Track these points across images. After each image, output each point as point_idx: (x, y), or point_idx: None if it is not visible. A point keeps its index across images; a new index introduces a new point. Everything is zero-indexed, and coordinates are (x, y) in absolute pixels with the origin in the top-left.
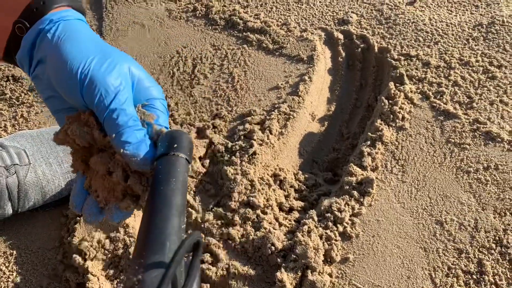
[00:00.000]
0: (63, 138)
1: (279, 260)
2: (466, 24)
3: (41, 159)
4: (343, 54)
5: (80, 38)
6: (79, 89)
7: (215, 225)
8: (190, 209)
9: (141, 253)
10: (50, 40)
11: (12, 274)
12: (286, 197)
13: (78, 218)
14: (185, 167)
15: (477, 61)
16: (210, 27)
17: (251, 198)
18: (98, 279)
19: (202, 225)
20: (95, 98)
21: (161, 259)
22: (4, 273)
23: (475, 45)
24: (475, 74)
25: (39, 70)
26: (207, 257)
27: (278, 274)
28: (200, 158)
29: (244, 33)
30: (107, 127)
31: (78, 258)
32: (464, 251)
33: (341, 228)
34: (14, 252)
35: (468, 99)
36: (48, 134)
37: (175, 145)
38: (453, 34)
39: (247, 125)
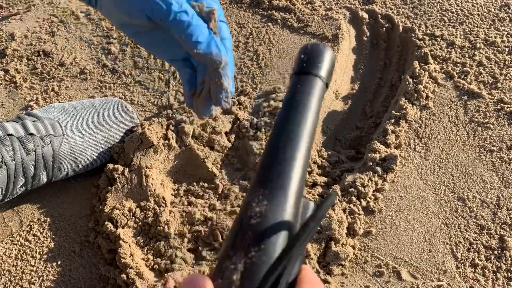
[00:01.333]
0: None
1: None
2: (492, 5)
3: (74, 130)
4: (368, 33)
5: None
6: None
7: (241, 197)
8: (217, 181)
9: (265, 182)
10: None
11: (47, 240)
12: (309, 172)
13: (109, 187)
14: (323, 93)
15: (502, 41)
16: (235, 5)
17: None
18: (129, 245)
19: (229, 197)
20: (153, 8)
21: (284, 198)
22: (39, 239)
23: (501, 26)
24: (501, 54)
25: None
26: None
27: None
28: (226, 133)
29: (269, 12)
30: (176, 31)
31: (110, 226)
32: (486, 227)
33: (364, 203)
34: (48, 219)
35: (492, 79)
36: (80, 107)
37: (319, 64)
38: (478, 15)
39: (271, 102)
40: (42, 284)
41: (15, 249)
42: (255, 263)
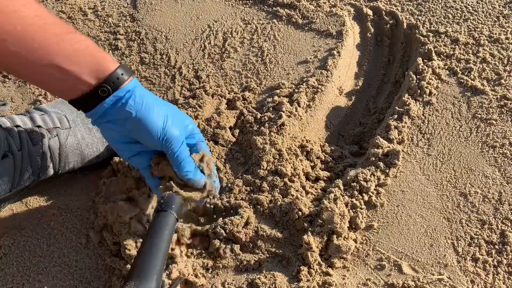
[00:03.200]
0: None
1: (305, 224)
2: (497, 2)
3: (81, 124)
4: (372, 30)
5: (153, 103)
6: (160, 141)
7: (244, 191)
8: (221, 175)
9: (134, 277)
10: (134, 106)
11: (54, 231)
12: (313, 167)
13: (106, 179)
14: (175, 222)
15: (507, 38)
16: (240, 1)
17: (279, 167)
18: (134, 237)
19: (233, 191)
20: (170, 147)
21: (150, 286)
22: (46, 230)
23: (506, 23)
24: (505, 51)
25: (115, 124)
26: (237, 219)
27: (305, 237)
28: (230, 128)
29: (274, 8)
30: (174, 164)
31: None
32: (487, 222)
33: (366, 197)
34: (55, 211)
35: (496, 76)
36: None
37: (172, 206)
38: (483, 12)
39: (275, 98)
40: (49, 274)
41: (23, 240)
42: None
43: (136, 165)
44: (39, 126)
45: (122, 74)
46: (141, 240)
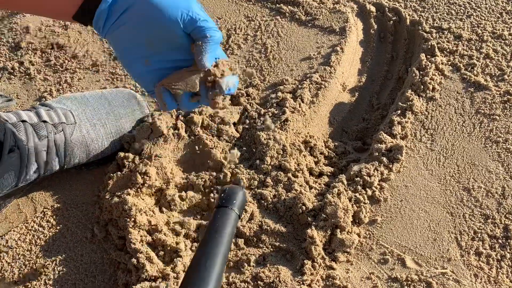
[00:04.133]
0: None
1: (309, 219)
2: None
3: (86, 120)
4: (375, 26)
5: None
6: (178, 16)
7: (249, 186)
8: (225, 170)
9: (189, 284)
10: None
11: (59, 226)
12: (316, 163)
13: (111, 175)
14: (236, 221)
15: (510, 34)
16: None
17: (283, 162)
18: (139, 231)
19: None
20: (194, 18)
21: None
22: (52, 225)
23: (509, 19)
24: (508, 47)
25: (121, 20)
26: None
27: (309, 231)
28: (234, 123)
29: (277, 5)
30: (202, 33)
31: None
32: (491, 217)
33: (369, 192)
34: (61, 206)
35: (499, 72)
36: (92, 97)
37: (234, 201)
38: (486, 8)
39: (279, 94)
40: (55, 268)
41: (30, 235)
42: None
43: (149, 82)
44: (45, 121)
45: None
46: None
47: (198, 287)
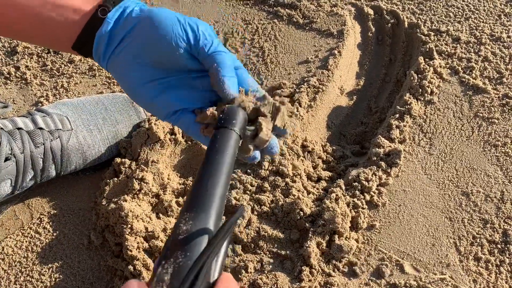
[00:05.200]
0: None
1: (307, 224)
2: (498, 0)
3: (82, 125)
4: (373, 29)
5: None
6: (183, 35)
7: (246, 192)
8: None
9: (190, 207)
10: (139, 12)
11: (56, 232)
12: (314, 167)
13: (108, 180)
14: (237, 142)
15: (508, 36)
16: (241, 2)
17: (280, 167)
18: (135, 238)
19: (234, 191)
20: (200, 38)
21: (206, 218)
22: (49, 231)
23: (507, 21)
24: (506, 50)
25: (124, 46)
26: (238, 220)
27: (307, 238)
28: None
29: (274, 8)
30: (211, 60)
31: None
32: (490, 222)
33: (368, 197)
34: (57, 212)
35: (498, 75)
36: (88, 102)
37: (233, 121)
38: (484, 10)
39: (276, 98)
40: (52, 275)
41: (26, 241)
42: (182, 265)
43: (166, 107)
44: (41, 128)
45: None
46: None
47: (202, 206)
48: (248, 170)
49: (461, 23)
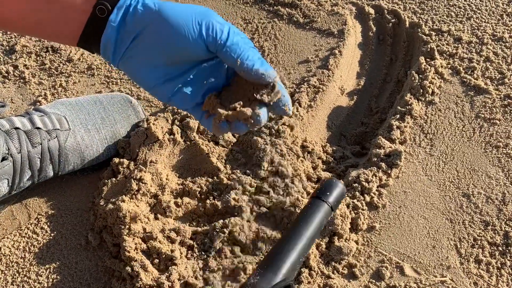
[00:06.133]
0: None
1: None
2: (500, 0)
3: (80, 125)
4: (374, 28)
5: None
6: (196, 32)
7: (245, 192)
8: (221, 175)
9: (263, 264)
10: (145, 10)
11: (54, 233)
12: (314, 168)
13: (106, 181)
14: (328, 214)
15: (510, 36)
16: (241, 0)
17: (280, 168)
18: (133, 239)
19: (233, 193)
20: (217, 34)
21: (272, 278)
22: (46, 231)
23: (509, 21)
24: (508, 50)
25: (135, 48)
26: (237, 221)
27: None
28: None
29: (274, 7)
30: (231, 55)
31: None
32: (491, 224)
33: (368, 198)
34: (55, 212)
35: (500, 75)
36: (87, 102)
37: (328, 193)
38: (486, 10)
39: None
40: (49, 276)
41: (23, 242)
42: None
43: (184, 103)
44: (38, 128)
45: None
46: None
47: (272, 267)
48: (247, 171)
49: (463, 22)
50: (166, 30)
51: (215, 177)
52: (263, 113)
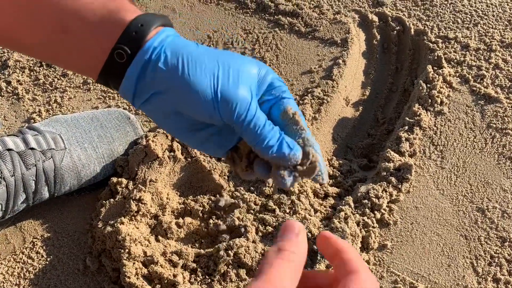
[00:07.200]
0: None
1: (315, 247)
2: (508, 5)
3: (76, 144)
4: (378, 37)
5: (194, 57)
6: (215, 109)
7: (250, 210)
8: (224, 193)
9: None
10: (167, 71)
11: (50, 257)
12: (321, 183)
13: (104, 202)
14: None
15: None
16: (240, 10)
17: None
18: (134, 263)
19: (237, 212)
20: (232, 114)
21: None
22: (42, 256)
23: None
24: None
25: (155, 102)
26: (242, 241)
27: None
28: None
29: (275, 16)
30: (247, 137)
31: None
32: (508, 240)
33: (378, 215)
34: (51, 235)
35: (510, 83)
36: (83, 119)
37: None
38: (493, 15)
39: None
40: None
41: (18, 267)
42: None
43: (215, 152)
44: (32, 148)
45: (141, 26)
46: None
47: None
48: (251, 188)
49: (470, 29)
50: (183, 102)
51: (217, 195)
52: (288, 178)
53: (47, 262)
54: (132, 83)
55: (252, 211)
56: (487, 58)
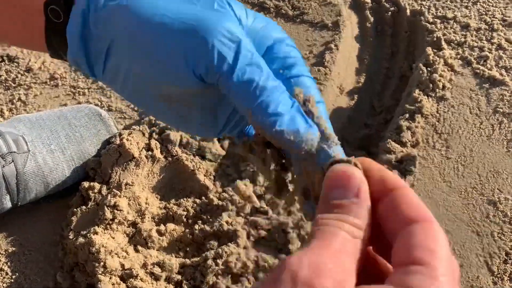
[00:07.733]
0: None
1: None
2: None
3: (42, 145)
4: (371, 19)
5: None
6: (184, 56)
7: (239, 213)
8: (210, 195)
9: None
10: (113, 9)
11: (15, 274)
12: None
13: (75, 209)
14: None
15: None
16: None
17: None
18: (110, 278)
19: (225, 215)
20: (212, 59)
21: None
22: (7, 273)
23: None
24: None
25: (113, 62)
26: (232, 248)
27: None
28: (218, 139)
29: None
30: (239, 101)
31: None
32: None
33: None
34: (16, 249)
35: None
36: (49, 118)
37: None
38: None
39: None
40: None
41: None
42: None
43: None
44: None
45: None
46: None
47: None
48: None
49: (469, 8)
50: (142, 44)
51: (203, 197)
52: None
53: (12, 280)
54: (76, 42)
55: (242, 214)
56: (489, 38)
